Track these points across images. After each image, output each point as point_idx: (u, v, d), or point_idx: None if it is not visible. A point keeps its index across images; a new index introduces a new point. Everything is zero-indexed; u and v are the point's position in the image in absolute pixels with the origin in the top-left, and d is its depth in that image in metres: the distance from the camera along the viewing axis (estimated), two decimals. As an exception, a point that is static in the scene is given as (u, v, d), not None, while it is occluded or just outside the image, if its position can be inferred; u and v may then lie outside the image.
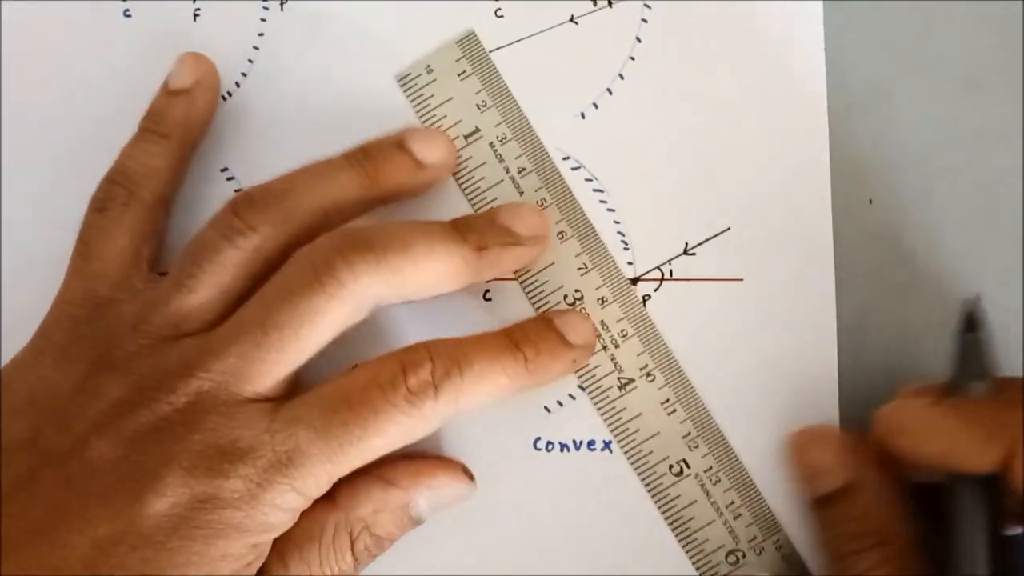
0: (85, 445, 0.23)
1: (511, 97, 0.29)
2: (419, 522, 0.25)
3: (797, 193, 0.28)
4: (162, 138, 0.27)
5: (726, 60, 0.29)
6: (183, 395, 0.23)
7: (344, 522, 0.24)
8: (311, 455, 0.23)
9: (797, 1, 0.29)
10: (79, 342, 0.25)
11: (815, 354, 0.27)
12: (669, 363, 0.27)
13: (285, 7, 0.30)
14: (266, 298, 0.24)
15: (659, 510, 0.27)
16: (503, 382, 0.24)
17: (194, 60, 0.28)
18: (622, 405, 0.27)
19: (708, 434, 0.27)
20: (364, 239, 0.24)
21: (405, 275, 0.24)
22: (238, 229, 0.24)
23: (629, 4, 0.29)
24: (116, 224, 0.26)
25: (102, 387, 0.23)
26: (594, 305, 0.27)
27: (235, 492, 0.22)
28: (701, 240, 0.28)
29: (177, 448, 0.22)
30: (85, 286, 0.26)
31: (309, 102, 0.29)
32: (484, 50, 0.29)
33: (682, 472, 0.27)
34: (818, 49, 0.29)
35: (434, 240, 0.25)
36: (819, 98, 0.28)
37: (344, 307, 0.24)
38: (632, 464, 0.27)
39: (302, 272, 0.24)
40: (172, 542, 0.22)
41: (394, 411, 0.23)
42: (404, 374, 0.23)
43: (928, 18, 0.29)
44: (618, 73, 0.29)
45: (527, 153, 0.28)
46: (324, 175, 0.26)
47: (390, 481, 0.24)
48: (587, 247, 0.28)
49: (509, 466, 0.27)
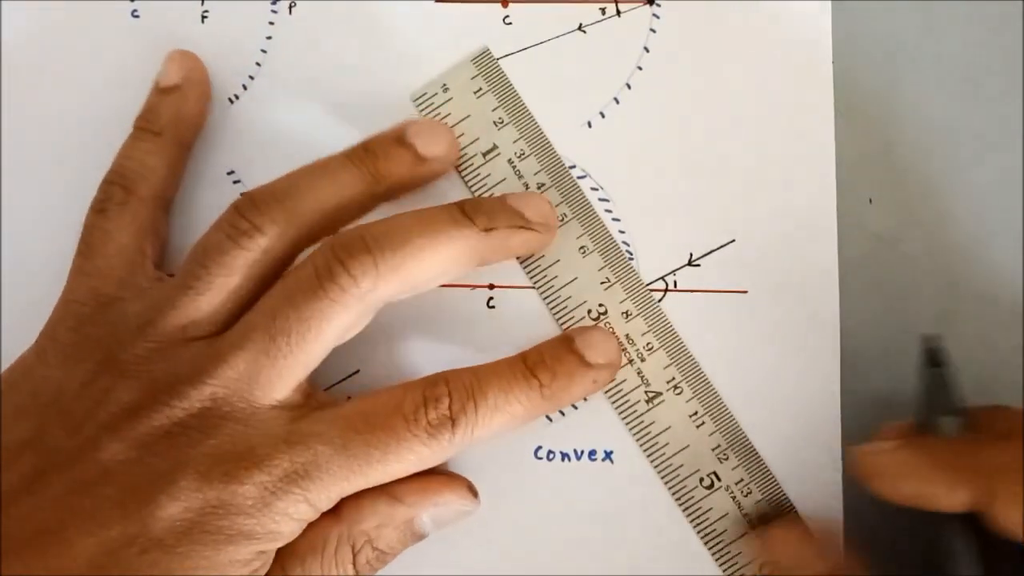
0: (95, 446, 0.23)
1: (528, 113, 0.29)
2: (422, 537, 0.25)
3: (802, 207, 0.28)
4: (155, 136, 0.27)
5: (734, 72, 0.29)
6: (196, 401, 0.23)
7: (347, 535, 0.24)
8: (329, 471, 0.23)
9: (805, 16, 0.29)
10: (84, 342, 0.25)
11: (818, 366, 0.27)
12: (696, 375, 0.27)
13: (293, 11, 0.29)
14: (271, 304, 0.24)
15: (690, 523, 0.27)
16: (518, 411, 0.25)
17: (181, 57, 0.28)
18: (651, 419, 0.27)
19: (738, 446, 0.27)
20: (364, 243, 0.24)
21: (409, 271, 0.24)
22: (243, 230, 0.24)
23: (638, 13, 0.29)
24: (116, 223, 0.26)
25: (111, 390, 0.23)
26: (618, 319, 0.27)
27: (249, 499, 0.22)
28: (706, 251, 0.28)
29: (193, 452, 0.23)
30: (89, 284, 0.26)
31: (316, 106, 0.29)
32: (500, 67, 0.29)
33: (713, 485, 0.27)
34: (826, 62, 0.29)
35: (436, 230, 0.24)
36: (826, 112, 0.28)
37: (348, 311, 0.24)
38: (662, 478, 0.27)
39: (306, 278, 0.24)
40: (182, 546, 0.22)
41: (415, 440, 0.23)
42: (426, 407, 0.24)
43: (928, 18, 0.29)
44: (625, 82, 0.29)
45: (545, 168, 0.28)
46: (326, 174, 0.26)
47: (396, 497, 0.24)
48: (609, 261, 0.28)
49: (510, 474, 0.27)
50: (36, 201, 0.29)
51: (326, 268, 0.23)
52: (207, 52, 0.29)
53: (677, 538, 0.27)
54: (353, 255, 0.24)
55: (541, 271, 0.28)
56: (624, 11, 0.29)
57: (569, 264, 0.28)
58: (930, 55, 0.29)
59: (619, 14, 0.29)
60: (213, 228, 0.25)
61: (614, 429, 0.27)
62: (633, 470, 0.27)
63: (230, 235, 0.24)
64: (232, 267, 0.24)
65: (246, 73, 0.29)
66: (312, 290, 0.23)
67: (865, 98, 0.29)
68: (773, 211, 0.28)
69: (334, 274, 0.23)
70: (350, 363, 0.28)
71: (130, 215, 0.26)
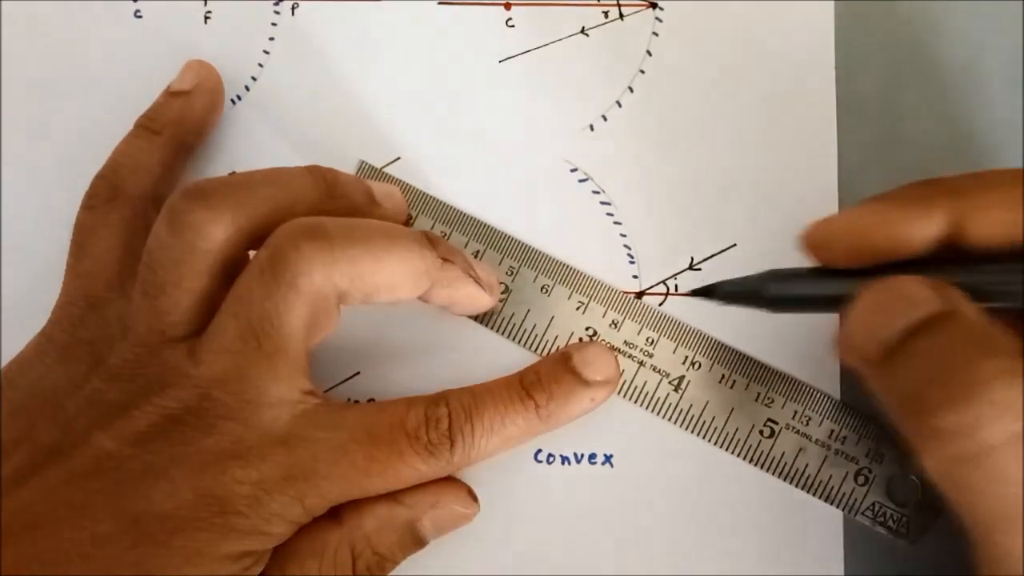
0: (87, 442, 0.23)
1: (428, 196, 0.28)
2: (423, 544, 0.25)
3: (804, 210, 0.28)
4: (154, 135, 0.27)
5: (737, 76, 0.29)
6: (186, 402, 0.23)
7: (347, 539, 0.24)
8: (328, 476, 0.23)
9: (808, 18, 0.29)
10: (77, 344, 0.25)
11: (820, 374, 0.27)
12: (705, 343, 0.27)
13: (296, 12, 0.29)
14: (233, 299, 0.23)
15: (779, 478, 0.27)
16: (514, 433, 0.25)
17: (198, 65, 0.29)
18: (687, 404, 0.27)
19: (776, 384, 0.27)
20: (319, 226, 0.23)
21: (363, 266, 0.23)
22: (189, 224, 0.23)
23: (641, 16, 0.29)
24: (103, 221, 0.26)
25: (102, 392, 0.23)
26: (609, 331, 0.27)
27: (243, 497, 0.22)
28: (707, 256, 0.28)
29: (188, 450, 0.22)
30: (80, 285, 0.26)
31: (318, 107, 0.29)
32: (380, 169, 0.29)
33: (773, 432, 0.27)
34: (828, 64, 0.29)
35: (396, 236, 0.24)
36: (828, 114, 0.28)
37: (305, 298, 0.23)
38: (727, 449, 0.27)
39: (258, 266, 0.23)
40: (174, 541, 0.22)
41: (415, 458, 0.24)
42: (427, 424, 0.24)
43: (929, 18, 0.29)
44: (628, 86, 0.29)
45: (472, 237, 0.28)
46: (282, 175, 0.25)
47: (395, 499, 0.24)
48: (572, 285, 0.28)
49: (509, 477, 0.27)
50: (36, 201, 0.29)
51: (278, 252, 0.23)
52: (209, 53, 0.29)
53: (677, 539, 0.27)
54: (307, 237, 0.23)
55: (519, 327, 0.28)
56: (627, 14, 0.29)
57: (540, 309, 0.28)
58: (930, 55, 0.29)
59: (622, 17, 0.29)
60: (157, 225, 0.24)
61: (614, 433, 0.27)
62: (633, 473, 0.27)
63: (175, 230, 0.23)
64: (183, 267, 0.23)
65: (248, 74, 0.29)
66: (265, 279, 0.23)
67: (866, 99, 0.29)
68: (775, 215, 0.28)
69: (286, 257, 0.23)
70: (351, 365, 0.28)
71: (117, 214, 0.26)
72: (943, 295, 0.21)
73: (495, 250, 0.28)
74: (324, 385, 0.28)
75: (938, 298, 0.21)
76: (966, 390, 0.20)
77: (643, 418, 0.27)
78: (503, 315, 0.28)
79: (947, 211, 0.22)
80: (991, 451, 0.19)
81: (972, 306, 0.21)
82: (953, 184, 0.22)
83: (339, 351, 0.28)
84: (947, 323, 0.21)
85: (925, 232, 0.22)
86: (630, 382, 0.27)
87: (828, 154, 0.28)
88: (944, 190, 0.22)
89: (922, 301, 0.21)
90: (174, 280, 0.23)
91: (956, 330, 0.21)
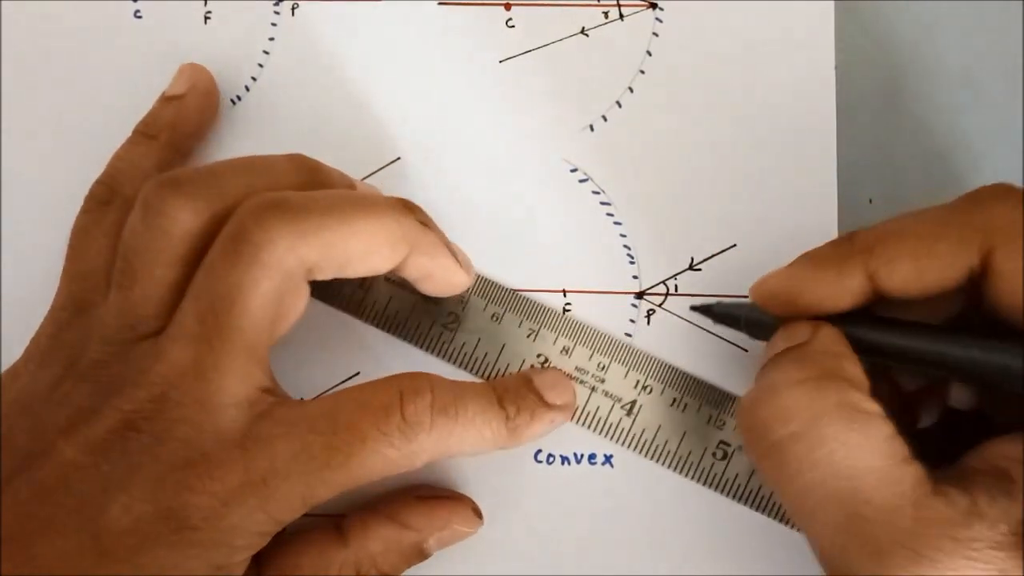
0: (53, 450, 0.22)
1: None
2: (426, 557, 0.25)
3: (804, 210, 0.28)
4: (150, 139, 0.27)
5: (736, 75, 0.29)
6: (144, 403, 0.22)
7: (353, 560, 0.24)
8: (286, 476, 0.21)
9: (808, 18, 0.29)
10: (57, 348, 0.24)
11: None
12: (656, 367, 0.27)
13: (296, 12, 0.29)
14: (195, 282, 0.22)
15: (729, 498, 0.27)
16: (487, 435, 0.24)
17: (191, 69, 0.28)
18: (639, 428, 0.27)
19: (727, 405, 0.27)
20: (283, 199, 0.22)
21: (333, 235, 0.22)
22: (160, 211, 0.23)
23: (641, 17, 0.29)
24: (97, 224, 0.26)
25: (70, 395, 0.23)
26: (560, 358, 0.27)
27: (200, 509, 0.21)
28: (707, 256, 0.28)
29: (144, 459, 0.21)
30: (70, 289, 0.25)
31: (318, 107, 0.29)
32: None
33: (726, 454, 0.27)
34: (828, 65, 0.29)
35: (370, 203, 0.23)
36: (828, 114, 0.28)
37: (269, 272, 0.22)
38: (679, 472, 0.27)
39: (221, 245, 0.22)
40: (134, 558, 0.21)
41: (383, 441, 0.22)
42: (402, 401, 0.23)
43: (929, 19, 0.29)
44: (628, 86, 0.29)
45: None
46: (261, 162, 0.25)
47: (403, 524, 0.24)
48: (522, 313, 0.28)
49: (510, 478, 0.27)
50: (36, 201, 0.29)
51: (240, 227, 0.22)
52: (209, 53, 0.29)
53: (677, 540, 0.27)
54: (269, 210, 0.22)
55: (471, 356, 0.27)
56: (627, 14, 0.29)
57: (491, 336, 0.27)
58: (930, 55, 0.29)
59: (622, 17, 0.29)
60: (133, 212, 0.23)
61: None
62: (633, 473, 0.27)
63: (147, 218, 0.23)
64: (156, 256, 0.23)
65: (248, 74, 0.29)
66: (228, 257, 0.22)
67: (866, 99, 0.29)
68: (775, 215, 0.28)
69: (247, 231, 0.22)
70: (351, 365, 0.28)
71: (111, 218, 0.26)
72: (812, 332, 0.23)
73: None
74: (323, 386, 0.28)
75: (806, 333, 0.23)
76: (769, 393, 0.22)
77: (643, 418, 0.27)
78: (455, 344, 0.27)
79: (861, 269, 0.22)
80: (779, 446, 0.21)
81: (828, 338, 0.23)
82: (865, 240, 0.22)
83: (339, 350, 0.28)
84: (797, 347, 0.23)
85: (846, 290, 0.22)
86: (583, 408, 0.27)
87: (828, 154, 0.28)
88: (857, 248, 0.22)
89: (795, 336, 0.23)
90: (146, 269, 0.23)
91: (800, 352, 0.23)
